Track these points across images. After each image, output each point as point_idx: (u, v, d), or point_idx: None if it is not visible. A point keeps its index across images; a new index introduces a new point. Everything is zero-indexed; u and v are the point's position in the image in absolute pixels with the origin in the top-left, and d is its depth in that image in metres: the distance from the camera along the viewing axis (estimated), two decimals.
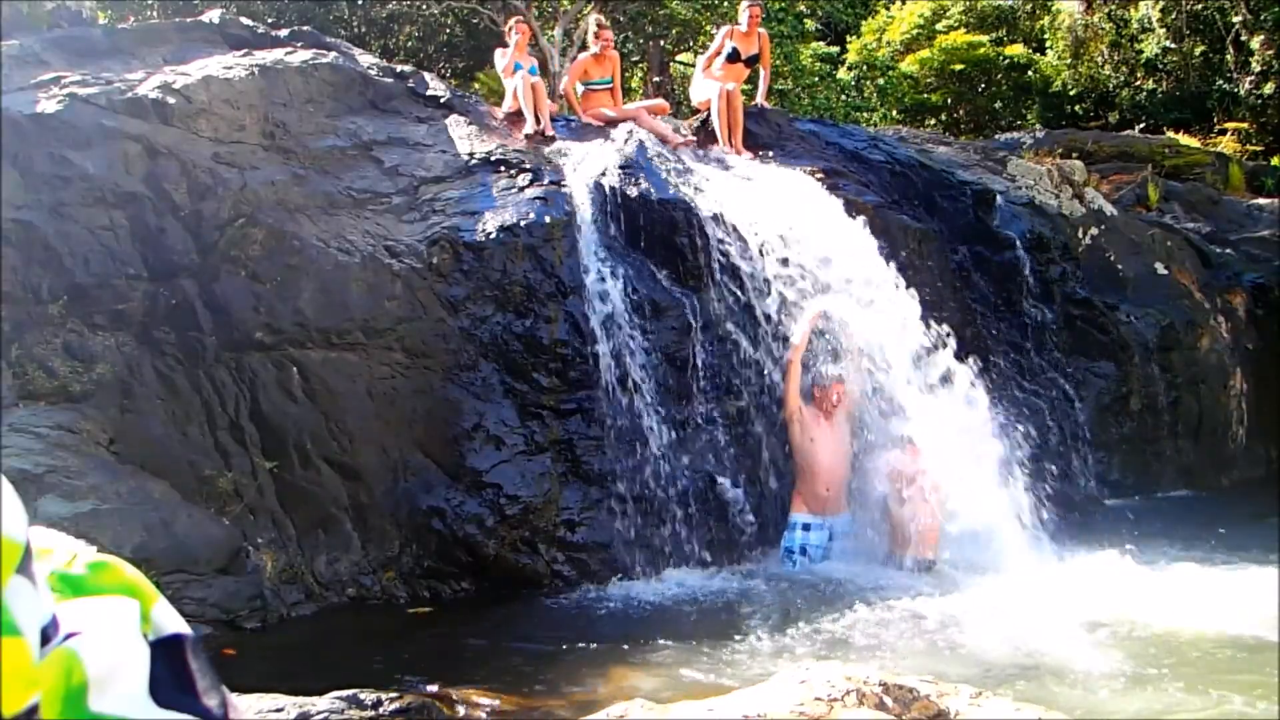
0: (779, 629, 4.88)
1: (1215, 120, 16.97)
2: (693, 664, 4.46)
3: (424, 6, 15.98)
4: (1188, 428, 8.62)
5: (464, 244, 6.33)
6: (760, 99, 9.07)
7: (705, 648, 4.65)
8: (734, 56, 8.62)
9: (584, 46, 11.39)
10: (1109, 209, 9.52)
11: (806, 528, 6.21)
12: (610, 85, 8.53)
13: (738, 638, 4.76)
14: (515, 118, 7.96)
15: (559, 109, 9.15)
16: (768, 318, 6.69)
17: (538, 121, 7.60)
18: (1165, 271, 9.23)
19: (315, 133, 6.82)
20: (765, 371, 6.63)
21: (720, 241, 6.75)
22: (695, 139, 8.31)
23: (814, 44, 18.63)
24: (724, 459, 6.42)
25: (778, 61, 15.68)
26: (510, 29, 8.42)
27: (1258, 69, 17.01)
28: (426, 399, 6.05)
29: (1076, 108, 19.02)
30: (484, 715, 3.80)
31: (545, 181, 6.84)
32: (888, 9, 21.50)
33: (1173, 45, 17.84)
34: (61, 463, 5.03)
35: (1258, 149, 16.23)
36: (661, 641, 4.77)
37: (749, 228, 6.83)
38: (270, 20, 11.89)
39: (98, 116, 6.00)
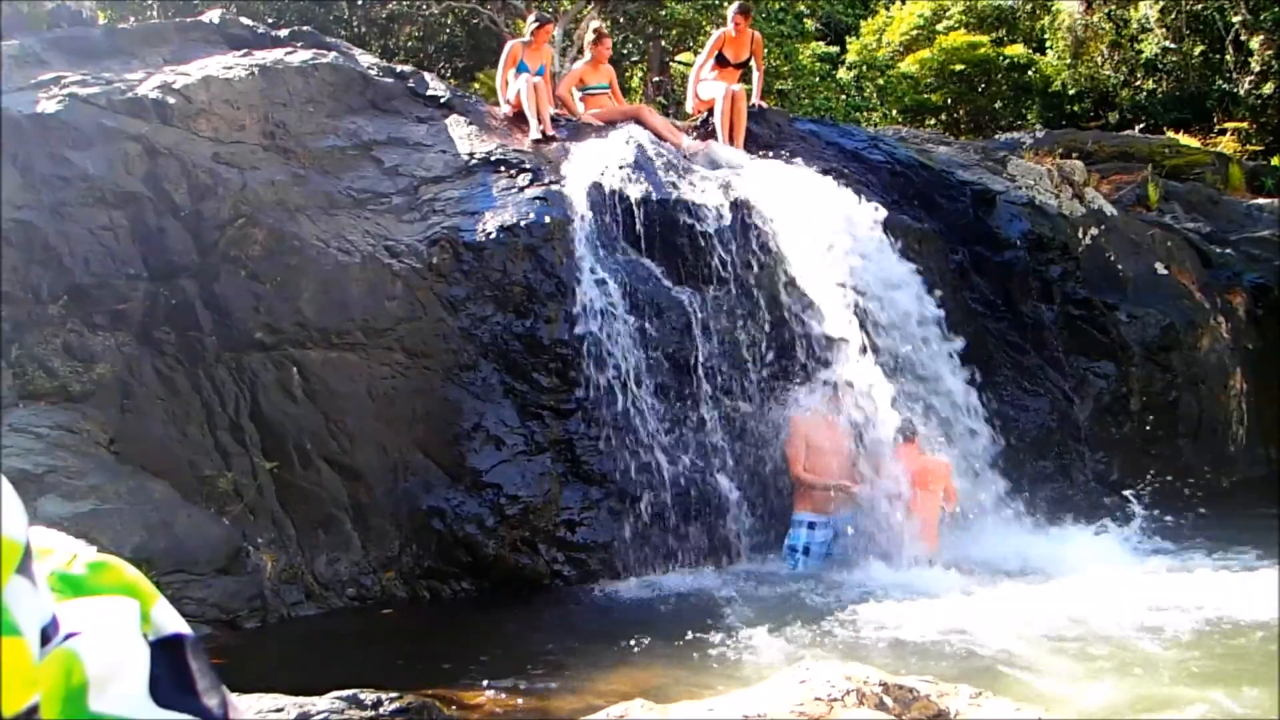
0: (779, 629, 4.88)
1: (1215, 120, 16.95)
2: (693, 664, 4.47)
3: (424, 6, 15.97)
4: (1188, 428, 8.61)
5: (464, 244, 6.33)
6: (756, 99, 9.06)
7: (705, 648, 4.65)
8: (723, 62, 8.61)
9: (584, 49, 11.39)
10: (1109, 209, 9.51)
11: (811, 526, 6.21)
12: (608, 90, 8.53)
13: (737, 637, 4.76)
14: (516, 118, 7.95)
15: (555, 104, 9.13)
16: (768, 316, 6.70)
17: (539, 121, 7.60)
18: (1165, 271, 9.22)
19: (315, 133, 6.81)
20: (765, 370, 6.64)
21: (721, 241, 6.75)
22: (697, 138, 8.30)
23: (814, 44, 18.61)
24: (724, 459, 6.42)
25: (778, 61, 15.68)
26: (535, 29, 8.27)
27: (1257, 69, 16.99)
28: (426, 399, 6.05)
29: (1076, 108, 19.01)
30: (484, 715, 3.80)
31: (545, 181, 6.84)
32: (888, 9, 21.49)
33: (1173, 45, 17.83)
34: (61, 463, 5.03)
35: (1258, 149, 16.20)
36: (662, 641, 4.77)
37: (750, 225, 6.83)
38: (270, 20, 11.88)
39: (98, 116, 6.00)
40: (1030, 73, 19.41)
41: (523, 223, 6.44)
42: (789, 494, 6.41)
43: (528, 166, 6.98)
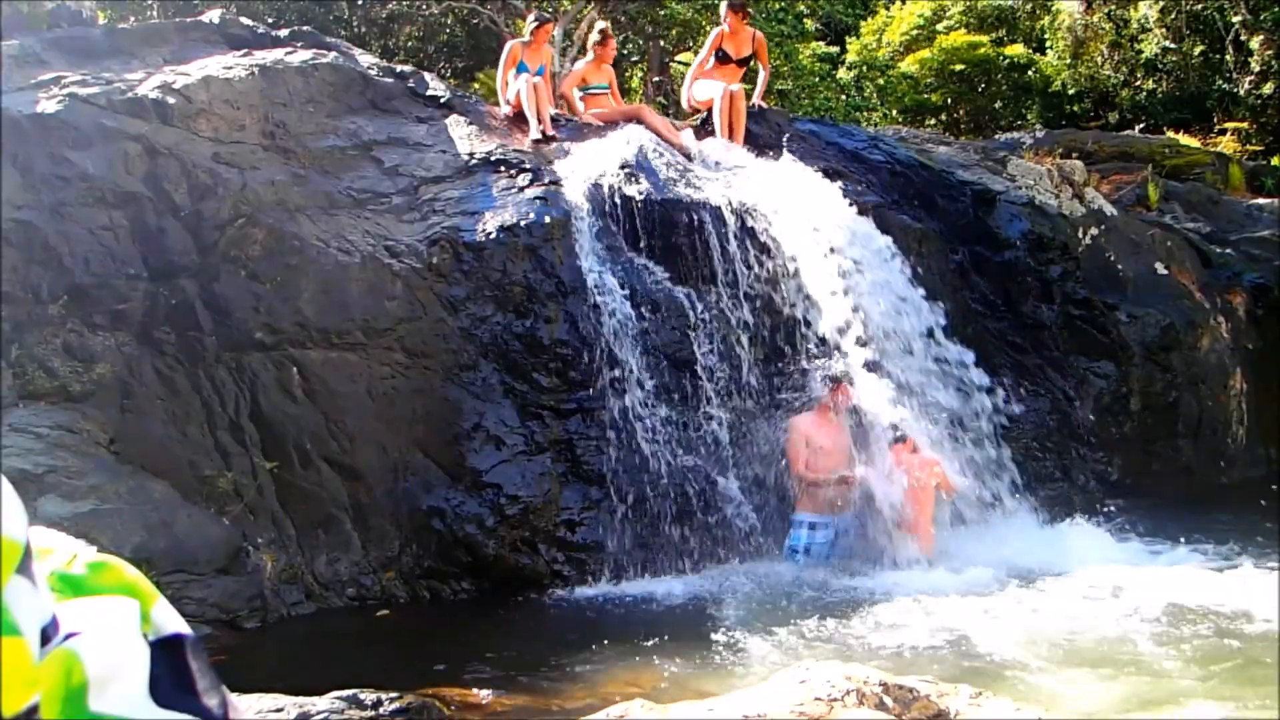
0: (779, 629, 4.87)
1: (1215, 120, 16.94)
2: (693, 664, 4.47)
3: (424, 6, 15.97)
4: (1188, 428, 8.61)
5: (464, 244, 6.33)
6: (757, 99, 9.06)
7: (705, 648, 4.65)
8: (724, 59, 8.61)
9: (584, 49, 11.40)
10: (1109, 209, 9.51)
11: (813, 526, 6.21)
12: (608, 90, 8.53)
13: (737, 637, 4.76)
14: (516, 118, 7.95)
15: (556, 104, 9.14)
16: (768, 316, 6.70)
17: (539, 121, 7.60)
18: (1165, 271, 9.22)
19: (315, 133, 6.81)
20: (765, 371, 6.64)
21: (721, 240, 6.76)
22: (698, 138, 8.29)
23: (814, 44, 18.61)
24: (724, 459, 6.42)
25: (778, 61, 15.68)
26: (535, 29, 8.29)
27: (1257, 69, 16.98)
28: (426, 399, 6.05)
29: (1076, 108, 19.00)
30: (484, 715, 3.80)
31: (545, 181, 6.84)
32: (888, 9, 21.48)
33: (1173, 45, 17.82)
34: (61, 463, 5.03)
35: (1258, 149, 16.20)
36: (662, 641, 4.77)
37: (750, 226, 6.83)
38: (270, 20, 11.89)
39: (98, 116, 6.00)
40: (1030, 73, 19.41)
41: (523, 223, 6.44)
42: (789, 494, 6.41)
43: (528, 166, 6.98)
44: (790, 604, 5.42)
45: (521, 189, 6.78)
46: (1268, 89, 16.82)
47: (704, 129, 8.43)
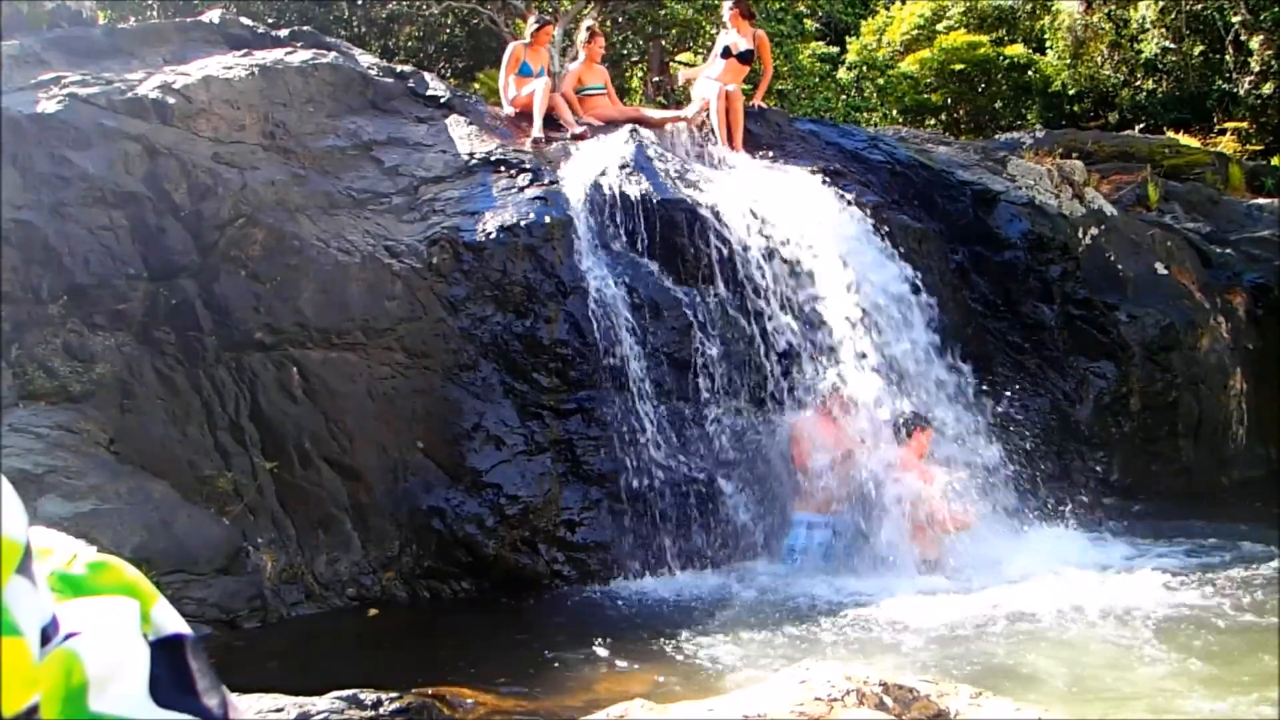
0: (779, 629, 4.88)
1: (1215, 120, 16.94)
2: (693, 664, 4.47)
3: (424, 6, 15.97)
4: (1188, 428, 8.61)
5: (464, 244, 6.33)
6: (757, 99, 9.06)
7: (705, 648, 4.65)
8: (725, 52, 8.61)
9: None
10: (1109, 209, 9.51)
11: (810, 526, 6.21)
12: (604, 91, 8.54)
13: (737, 638, 4.76)
14: (516, 118, 7.96)
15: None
16: (768, 316, 6.70)
17: (547, 123, 7.60)
18: (1165, 271, 9.22)
19: (315, 133, 6.81)
20: (765, 371, 6.64)
21: (720, 241, 6.75)
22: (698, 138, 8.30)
23: (814, 44, 18.60)
24: (724, 459, 6.42)
25: (778, 61, 15.68)
26: (536, 30, 8.36)
27: (1257, 69, 16.97)
28: (426, 399, 6.05)
29: (1076, 108, 19.00)
30: (484, 715, 3.80)
31: (545, 181, 6.84)
32: (888, 9, 21.47)
33: (1172, 45, 17.82)
34: (61, 463, 5.03)
35: (1258, 149, 16.19)
36: (661, 641, 4.77)
37: (749, 226, 6.83)
38: (270, 20, 11.89)
39: (98, 116, 6.00)
40: (1030, 73, 19.40)
41: (523, 223, 6.45)
42: (789, 494, 6.41)
43: (528, 166, 6.98)
44: (789, 604, 5.42)
45: (521, 189, 6.78)
46: (1268, 89, 16.81)
47: (704, 128, 8.42)
